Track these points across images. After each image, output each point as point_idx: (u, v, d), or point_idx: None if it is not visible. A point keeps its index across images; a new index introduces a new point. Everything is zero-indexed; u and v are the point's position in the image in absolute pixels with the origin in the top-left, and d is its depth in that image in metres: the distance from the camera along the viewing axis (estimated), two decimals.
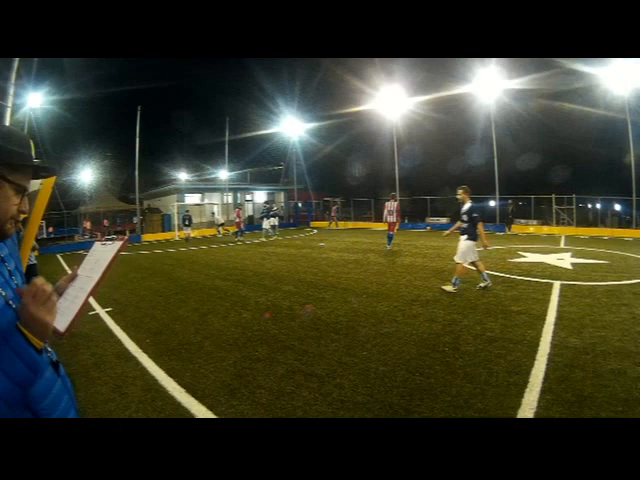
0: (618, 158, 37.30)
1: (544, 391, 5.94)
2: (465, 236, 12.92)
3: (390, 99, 43.94)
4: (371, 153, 56.77)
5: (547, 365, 6.86)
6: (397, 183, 47.38)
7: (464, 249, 12.87)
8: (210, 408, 5.68)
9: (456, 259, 13.09)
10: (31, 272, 8.87)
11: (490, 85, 37.83)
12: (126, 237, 2.16)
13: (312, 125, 54.47)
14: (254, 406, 5.70)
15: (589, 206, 45.91)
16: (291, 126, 54.23)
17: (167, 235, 41.00)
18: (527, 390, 6.00)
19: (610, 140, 39.98)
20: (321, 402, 5.77)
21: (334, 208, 49.76)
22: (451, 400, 5.77)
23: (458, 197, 13.55)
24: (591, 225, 38.30)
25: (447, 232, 14.28)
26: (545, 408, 5.45)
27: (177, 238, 38.13)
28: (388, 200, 23.78)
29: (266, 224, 34.69)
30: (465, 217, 13.03)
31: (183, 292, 13.36)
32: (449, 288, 12.54)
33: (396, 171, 47.52)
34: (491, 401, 5.71)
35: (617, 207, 44.20)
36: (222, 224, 40.20)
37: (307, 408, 5.62)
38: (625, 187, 34.80)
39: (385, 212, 23.81)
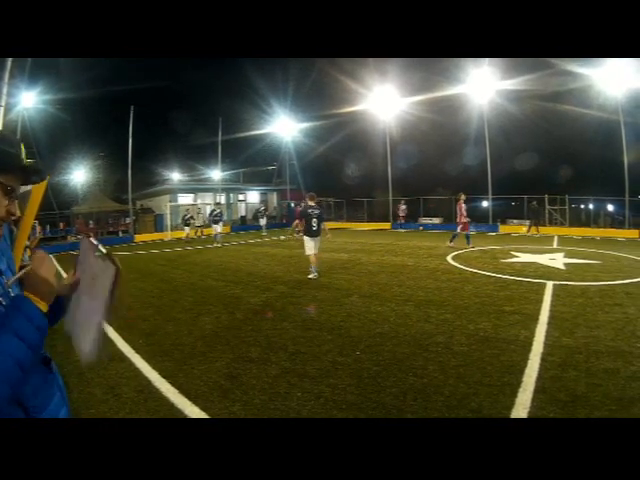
0: (611, 158, 37.38)
1: (538, 391, 5.96)
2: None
3: (383, 99, 43.79)
4: (365, 153, 56.53)
5: (540, 365, 6.89)
6: (390, 184, 47.33)
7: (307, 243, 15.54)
8: (203, 409, 5.67)
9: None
10: None
11: (484, 85, 37.82)
12: (117, 265, 2.21)
13: (305, 125, 54.17)
14: (247, 407, 5.70)
15: (582, 206, 46.00)
16: (284, 126, 53.89)
17: (160, 235, 40.44)
18: (521, 390, 6.02)
19: (603, 141, 40.05)
20: (314, 402, 5.78)
21: (402, 207, 46.12)
22: (444, 400, 5.79)
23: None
24: (583, 225, 38.38)
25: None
26: (539, 408, 5.48)
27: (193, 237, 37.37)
28: (458, 200, 24.33)
29: (217, 228, 33.21)
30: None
31: (176, 293, 13.33)
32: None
33: (389, 171, 47.45)
34: (485, 401, 5.74)
35: (610, 207, 44.38)
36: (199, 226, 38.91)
37: (300, 408, 5.63)
38: (618, 187, 34.92)
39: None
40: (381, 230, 44.55)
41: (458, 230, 24.66)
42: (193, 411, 5.64)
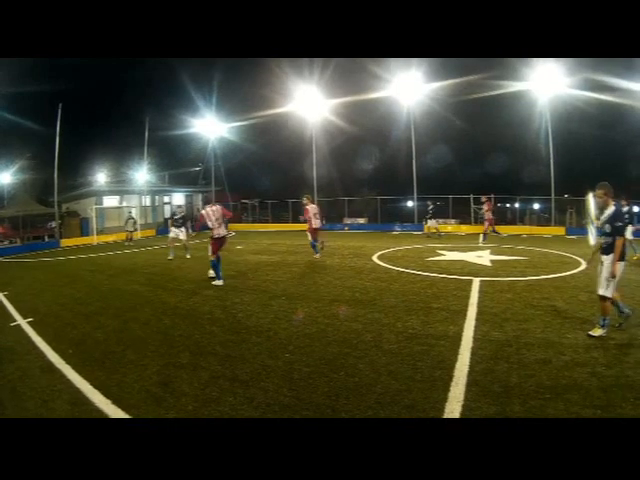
0: (539, 158, 38.16)
1: (470, 384, 6.13)
2: (611, 256, 8.36)
3: (309, 101, 43.44)
4: (289, 155, 56.01)
5: (471, 359, 7.08)
6: (315, 185, 47.22)
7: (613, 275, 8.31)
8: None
9: (600, 291, 8.38)
10: None
11: (411, 87, 38.01)
12: None
13: (232, 126, 53.30)
14: (180, 414, 5.67)
15: (507, 205, 46.79)
16: (211, 127, 52.97)
17: (86, 240, 39.50)
18: (453, 384, 6.18)
19: (532, 141, 40.73)
20: (247, 406, 5.80)
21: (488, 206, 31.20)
22: (377, 397, 5.88)
23: (598, 199, 8.74)
24: (510, 223, 39.04)
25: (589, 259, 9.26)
26: (473, 400, 5.64)
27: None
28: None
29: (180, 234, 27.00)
30: (608, 227, 8.49)
31: (103, 299, 13.10)
32: (599, 332, 8.16)
33: (314, 172, 47.29)
34: (418, 396, 5.86)
35: (536, 206, 45.44)
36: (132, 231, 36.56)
37: (233, 413, 5.62)
38: (545, 187, 35.63)
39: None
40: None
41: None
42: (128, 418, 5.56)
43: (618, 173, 38.43)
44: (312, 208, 19.74)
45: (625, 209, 12.70)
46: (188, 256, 21.72)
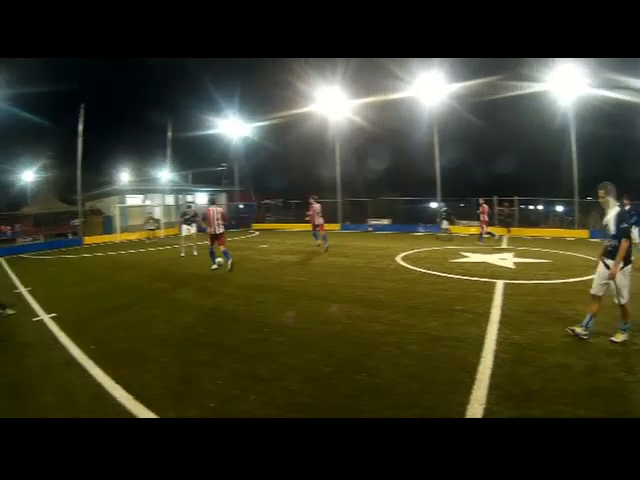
0: (561, 161, 37.91)
1: (492, 387, 6.06)
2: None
3: (330, 101, 43.40)
4: (312, 155, 55.84)
5: (494, 362, 7.00)
6: (338, 185, 47.21)
7: (622, 281, 8.02)
8: (159, 415, 5.60)
9: (622, 301, 8.04)
10: None
11: (432, 88, 37.85)
12: None
13: (255, 126, 53.46)
14: (201, 411, 5.66)
15: (530, 207, 46.44)
16: (234, 127, 53.14)
17: (109, 237, 39.89)
18: (475, 387, 6.11)
19: (553, 143, 40.47)
20: (268, 405, 5.77)
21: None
22: (398, 399, 5.84)
23: (600, 200, 8.37)
24: (533, 226, 38.74)
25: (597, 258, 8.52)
26: (495, 404, 5.57)
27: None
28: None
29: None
30: (614, 230, 8.02)
31: (126, 296, 13.20)
32: (621, 337, 7.91)
33: (337, 173, 47.25)
34: (439, 398, 5.82)
35: (559, 208, 45.17)
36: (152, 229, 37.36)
37: (255, 412, 5.60)
38: (567, 189, 35.38)
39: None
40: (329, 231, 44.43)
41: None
42: (149, 417, 5.57)
43: None
44: (316, 207, 22.88)
45: (627, 208, 12.44)
46: (195, 253, 22.70)
